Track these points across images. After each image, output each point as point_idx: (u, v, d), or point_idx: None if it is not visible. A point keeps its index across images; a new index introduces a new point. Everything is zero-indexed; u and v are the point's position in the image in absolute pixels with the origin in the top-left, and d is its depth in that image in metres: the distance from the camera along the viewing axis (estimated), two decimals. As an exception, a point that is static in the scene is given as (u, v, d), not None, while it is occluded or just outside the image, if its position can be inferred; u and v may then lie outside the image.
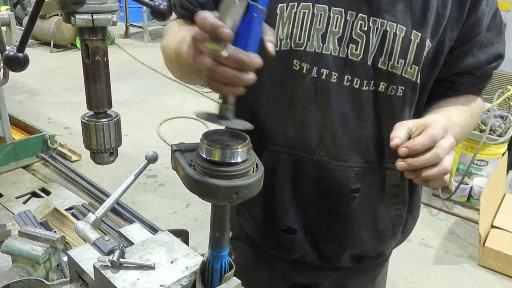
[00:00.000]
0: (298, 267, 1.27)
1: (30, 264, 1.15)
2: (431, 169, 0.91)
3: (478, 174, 3.91)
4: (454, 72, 1.14)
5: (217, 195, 0.74)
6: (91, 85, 0.74)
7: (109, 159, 0.79)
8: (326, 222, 1.18)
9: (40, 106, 5.77)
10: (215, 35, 0.66)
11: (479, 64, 1.13)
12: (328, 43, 1.04)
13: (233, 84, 0.72)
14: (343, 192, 1.13)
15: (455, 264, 3.25)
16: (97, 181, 3.86)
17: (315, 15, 1.02)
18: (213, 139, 0.77)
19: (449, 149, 0.92)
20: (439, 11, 1.03)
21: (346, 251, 1.21)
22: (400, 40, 1.02)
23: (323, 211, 1.16)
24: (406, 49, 1.03)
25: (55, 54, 7.99)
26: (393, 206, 1.19)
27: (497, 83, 4.13)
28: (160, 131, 5.16)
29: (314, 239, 1.20)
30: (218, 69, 0.70)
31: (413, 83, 1.06)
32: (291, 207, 1.17)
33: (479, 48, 1.12)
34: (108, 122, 0.76)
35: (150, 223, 3.24)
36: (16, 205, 3.25)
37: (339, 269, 1.27)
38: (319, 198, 1.15)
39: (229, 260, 0.86)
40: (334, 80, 1.05)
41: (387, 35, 1.02)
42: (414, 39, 1.02)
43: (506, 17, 3.98)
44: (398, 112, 1.08)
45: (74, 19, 0.67)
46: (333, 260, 1.23)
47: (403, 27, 1.02)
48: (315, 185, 1.13)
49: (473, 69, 1.14)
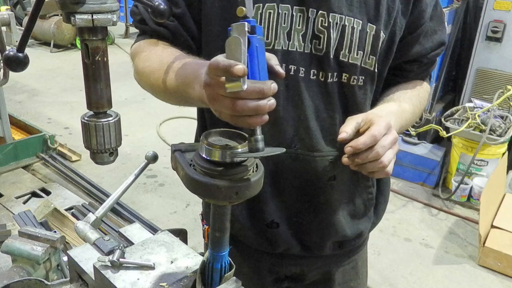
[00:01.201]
0: (283, 259, 1.31)
1: (30, 264, 1.15)
2: (372, 164, 1.03)
3: (478, 174, 3.91)
4: (404, 60, 1.25)
5: (217, 195, 0.74)
6: (91, 85, 0.74)
7: (109, 159, 0.78)
8: (308, 213, 1.23)
9: (40, 106, 5.77)
10: (232, 74, 0.71)
11: (425, 52, 1.24)
12: (293, 40, 1.10)
13: (258, 113, 0.75)
14: (322, 181, 1.19)
15: (455, 264, 3.25)
16: (97, 181, 3.86)
17: (280, 14, 1.08)
18: (213, 139, 0.77)
19: (390, 145, 1.03)
20: (389, 4, 1.12)
21: (329, 239, 1.27)
22: (357, 33, 1.10)
23: (303, 203, 1.22)
24: (363, 41, 1.12)
25: (55, 54, 7.99)
26: (365, 190, 1.28)
27: (497, 83, 4.13)
28: (160, 131, 5.16)
29: (297, 231, 1.25)
30: (240, 105, 0.74)
31: (371, 72, 1.15)
32: (272, 201, 1.21)
33: (424, 36, 1.23)
34: (108, 122, 0.76)
35: (150, 223, 3.24)
36: (16, 205, 3.25)
37: (322, 257, 1.33)
38: (299, 190, 1.20)
39: (229, 260, 0.86)
40: (302, 75, 1.11)
41: (346, 29, 1.10)
42: (369, 31, 1.11)
43: (506, 17, 3.98)
44: (360, 100, 1.17)
45: (74, 19, 0.67)
46: (317, 249, 1.29)
47: (360, 21, 1.10)
48: (294, 178, 1.18)
49: (420, 57, 1.25)
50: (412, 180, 4.24)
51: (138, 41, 1.20)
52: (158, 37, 1.16)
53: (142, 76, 1.13)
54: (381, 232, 3.56)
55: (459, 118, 3.99)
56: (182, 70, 0.98)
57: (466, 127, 3.79)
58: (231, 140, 0.77)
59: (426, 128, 4.22)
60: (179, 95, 1.00)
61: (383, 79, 1.23)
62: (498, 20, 4.01)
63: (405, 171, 4.25)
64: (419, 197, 4.04)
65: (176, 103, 1.09)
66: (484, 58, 4.18)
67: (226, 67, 0.71)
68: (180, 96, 1.00)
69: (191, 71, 0.94)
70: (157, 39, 1.16)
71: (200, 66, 0.91)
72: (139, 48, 1.17)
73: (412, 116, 1.25)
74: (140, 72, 1.14)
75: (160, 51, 1.10)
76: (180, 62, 1.00)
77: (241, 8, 0.75)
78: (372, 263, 3.22)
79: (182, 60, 1.00)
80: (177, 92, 0.99)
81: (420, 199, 4.00)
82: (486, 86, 4.24)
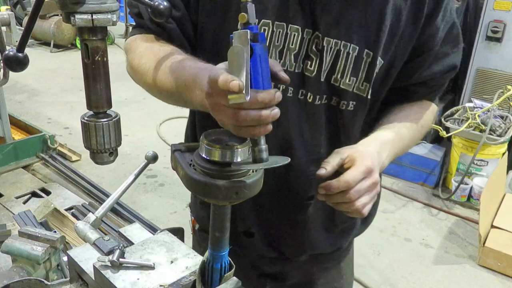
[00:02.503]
0: (261, 259, 1.31)
1: (30, 264, 1.15)
2: (345, 205, 1.01)
3: (478, 174, 3.91)
4: (408, 82, 1.19)
5: (217, 195, 0.74)
6: (91, 85, 0.74)
7: (109, 159, 0.78)
8: (284, 227, 1.22)
9: (40, 106, 5.77)
10: (229, 90, 0.70)
11: (433, 76, 1.18)
12: (285, 59, 1.07)
13: (261, 123, 0.74)
14: (301, 200, 1.18)
15: (455, 264, 3.25)
16: (97, 181, 3.86)
17: (274, 32, 1.05)
18: (212, 139, 0.77)
19: (366, 190, 0.99)
20: (393, 28, 1.06)
21: (305, 252, 1.27)
22: (352, 59, 1.06)
23: (281, 218, 1.21)
24: (358, 68, 1.07)
25: (55, 54, 7.98)
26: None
27: (497, 83, 4.13)
28: (160, 131, 5.16)
29: (273, 241, 1.25)
30: (243, 116, 0.73)
31: (364, 98, 1.11)
32: (250, 213, 1.20)
33: (433, 60, 1.16)
34: (108, 122, 0.76)
35: (150, 223, 3.23)
36: (16, 205, 3.25)
37: (300, 262, 1.32)
38: (278, 206, 1.19)
39: (229, 260, 0.86)
40: (290, 94, 1.09)
41: (340, 54, 1.06)
42: (366, 58, 1.07)
43: (506, 17, 3.98)
44: (349, 124, 1.14)
45: (74, 19, 0.67)
46: (293, 258, 1.29)
47: (356, 47, 1.06)
48: (274, 194, 1.17)
49: (427, 80, 1.19)
50: (412, 180, 4.24)
51: (134, 34, 1.15)
52: (154, 34, 1.12)
53: (136, 73, 1.10)
54: (381, 232, 3.56)
55: (459, 118, 3.99)
56: (181, 73, 0.95)
57: (466, 127, 3.79)
58: (231, 140, 0.77)
59: (426, 128, 4.21)
60: (177, 97, 0.98)
61: (379, 101, 1.18)
62: (498, 20, 4.01)
63: (405, 171, 4.25)
64: (419, 197, 4.04)
65: (172, 103, 1.07)
66: (484, 58, 4.18)
67: (223, 85, 0.70)
68: (178, 98, 0.98)
69: (190, 75, 0.92)
70: (154, 35, 1.12)
71: (200, 70, 0.89)
72: (135, 44, 1.12)
73: (410, 142, 1.21)
74: (135, 69, 1.10)
75: (157, 49, 1.07)
76: (178, 63, 0.98)
77: (243, 15, 0.73)
78: (372, 263, 3.23)
79: (181, 62, 0.98)
80: (174, 93, 0.98)
81: (420, 199, 4.00)
82: (486, 86, 4.24)
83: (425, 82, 1.19)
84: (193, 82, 0.89)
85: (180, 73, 0.95)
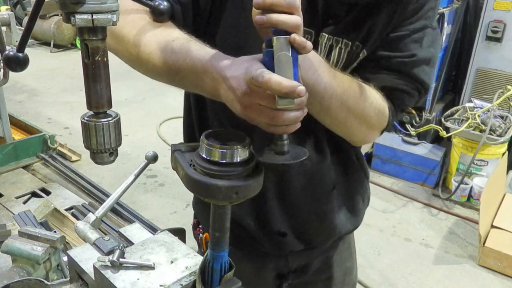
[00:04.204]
0: (288, 257, 1.33)
1: (30, 264, 1.15)
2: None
3: (478, 174, 3.91)
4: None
5: (217, 195, 0.74)
6: (91, 85, 0.74)
7: (109, 159, 0.78)
8: (314, 219, 1.25)
9: (40, 106, 5.77)
10: (293, 96, 0.74)
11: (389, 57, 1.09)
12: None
13: (296, 122, 0.79)
14: (326, 190, 1.22)
15: (455, 264, 3.25)
16: (97, 181, 3.86)
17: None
18: (213, 139, 0.77)
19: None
20: (379, 27, 1.06)
21: (332, 237, 1.31)
22: (345, 54, 1.07)
23: (310, 213, 1.23)
24: (350, 61, 1.08)
25: (55, 54, 7.98)
26: (361, 183, 1.33)
27: (497, 83, 4.13)
28: (160, 131, 5.16)
29: (302, 234, 1.27)
30: (282, 117, 0.77)
31: None
32: (279, 213, 1.22)
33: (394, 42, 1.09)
34: (108, 122, 0.76)
35: (150, 223, 3.23)
36: (16, 205, 3.25)
37: (323, 248, 1.37)
38: (306, 200, 1.21)
39: (229, 260, 0.86)
40: None
41: (333, 49, 1.06)
42: (355, 49, 1.07)
43: (506, 17, 3.98)
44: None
45: (74, 19, 0.67)
46: (320, 246, 1.34)
47: (349, 42, 1.06)
48: (300, 189, 1.19)
49: (381, 59, 1.10)
50: (412, 180, 4.24)
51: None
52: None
53: (118, 41, 0.97)
54: (381, 232, 3.56)
55: (459, 118, 3.99)
56: (186, 55, 0.90)
57: (466, 127, 3.79)
58: (231, 140, 0.77)
59: (426, 128, 4.22)
60: (171, 77, 0.93)
61: None
62: (498, 20, 4.01)
63: (405, 171, 4.25)
64: (419, 197, 4.04)
65: (157, 79, 0.99)
66: (484, 58, 4.18)
67: (289, 88, 0.72)
68: (172, 78, 0.93)
69: (199, 61, 0.88)
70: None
71: (212, 58, 0.86)
72: (123, 8, 0.87)
73: (344, 94, 1.00)
74: (116, 34, 0.96)
75: (152, 23, 0.98)
76: (181, 44, 0.92)
77: None
78: (372, 263, 3.23)
79: (185, 43, 0.92)
80: (175, 74, 0.92)
81: (420, 199, 4.00)
82: (486, 86, 4.24)
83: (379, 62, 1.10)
84: (203, 70, 0.87)
85: (184, 55, 0.90)
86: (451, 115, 4.09)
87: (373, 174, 4.37)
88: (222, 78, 0.84)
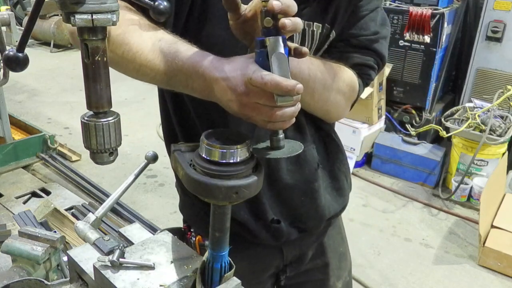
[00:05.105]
0: (284, 247, 1.34)
1: (30, 264, 1.15)
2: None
3: (478, 174, 3.91)
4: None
5: (217, 195, 0.74)
6: (91, 85, 0.74)
7: (109, 159, 0.78)
8: (304, 204, 1.27)
9: (40, 106, 5.77)
10: (292, 93, 0.76)
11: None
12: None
13: (292, 117, 0.82)
14: (312, 170, 1.25)
15: (455, 264, 3.25)
16: (97, 181, 3.86)
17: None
18: (213, 139, 0.77)
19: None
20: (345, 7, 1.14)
21: (323, 219, 1.33)
22: (317, 36, 1.13)
23: (299, 195, 1.26)
24: (321, 43, 1.15)
25: (55, 54, 7.99)
26: (341, 161, 1.36)
27: (497, 83, 4.13)
28: (160, 131, 5.15)
29: (296, 222, 1.29)
30: (280, 114, 0.79)
31: None
32: (272, 200, 1.24)
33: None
34: (108, 122, 0.76)
35: (150, 223, 3.24)
36: (16, 205, 3.25)
37: (316, 233, 1.40)
38: (294, 182, 1.24)
39: (229, 260, 0.86)
40: None
41: (306, 33, 1.12)
42: (325, 31, 1.14)
43: (506, 17, 3.98)
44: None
45: (74, 19, 0.67)
46: (314, 231, 1.36)
47: (319, 24, 1.12)
48: (287, 171, 1.22)
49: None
50: (412, 180, 4.24)
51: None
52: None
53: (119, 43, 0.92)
54: (381, 232, 3.56)
55: (459, 118, 3.99)
56: (174, 56, 0.89)
57: (466, 127, 3.79)
58: (231, 140, 0.78)
59: (426, 128, 4.22)
60: (162, 78, 0.91)
61: None
62: (498, 20, 4.01)
63: (405, 171, 4.25)
64: (419, 197, 4.04)
65: (147, 81, 0.95)
66: (484, 58, 4.18)
67: (291, 89, 0.75)
68: (164, 79, 0.91)
69: (189, 62, 0.87)
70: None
71: (202, 59, 0.86)
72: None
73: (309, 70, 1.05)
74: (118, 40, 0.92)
75: (138, 17, 0.95)
76: (168, 44, 0.91)
77: (269, 19, 0.76)
78: (372, 263, 3.23)
79: (173, 44, 0.91)
80: (163, 74, 0.91)
81: (420, 199, 4.01)
82: (486, 86, 4.24)
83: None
84: (194, 71, 0.87)
85: (173, 56, 0.89)
86: (451, 115, 4.09)
87: (373, 174, 4.37)
88: (215, 79, 0.84)
